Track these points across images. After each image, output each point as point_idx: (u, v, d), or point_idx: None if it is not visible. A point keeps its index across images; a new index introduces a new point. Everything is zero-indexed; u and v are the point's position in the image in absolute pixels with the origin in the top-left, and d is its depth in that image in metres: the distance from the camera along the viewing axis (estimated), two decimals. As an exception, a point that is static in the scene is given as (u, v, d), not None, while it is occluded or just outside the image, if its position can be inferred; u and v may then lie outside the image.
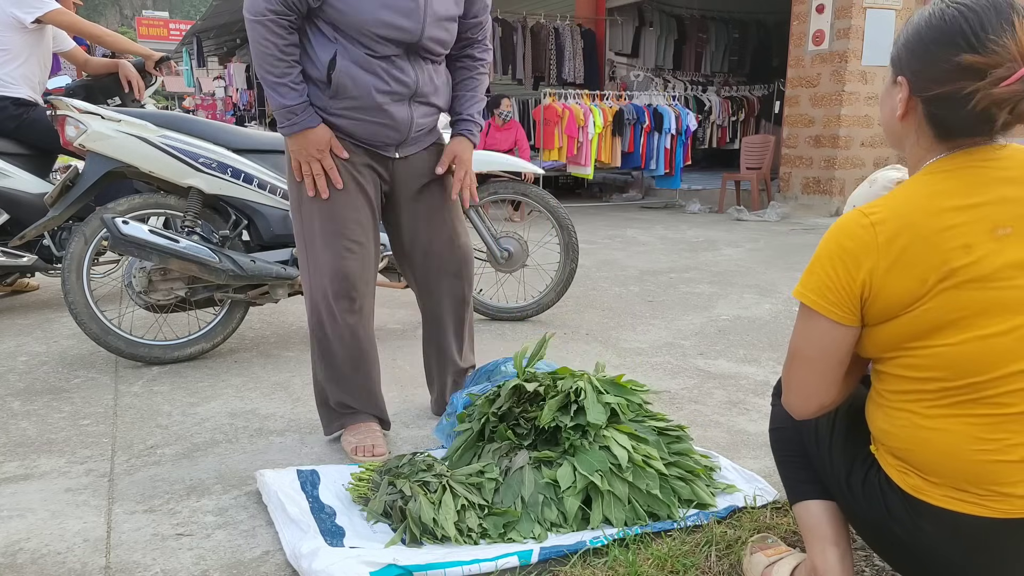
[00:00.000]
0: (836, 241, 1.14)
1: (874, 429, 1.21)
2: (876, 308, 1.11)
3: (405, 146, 2.12)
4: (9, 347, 3.17)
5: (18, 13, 3.64)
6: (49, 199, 2.93)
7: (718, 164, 11.28)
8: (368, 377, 2.17)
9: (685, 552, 1.59)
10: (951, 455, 1.09)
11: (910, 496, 1.14)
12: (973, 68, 1.05)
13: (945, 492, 1.11)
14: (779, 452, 1.43)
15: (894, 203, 1.12)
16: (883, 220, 1.10)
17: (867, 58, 7.29)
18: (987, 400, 1.07)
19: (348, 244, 2.05)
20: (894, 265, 1.08)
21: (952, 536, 1.12)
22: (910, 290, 1.08)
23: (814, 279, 1.15)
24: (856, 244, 1.11)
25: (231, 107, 21.36)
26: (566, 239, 3.52)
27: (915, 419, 1.12)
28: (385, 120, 2.03)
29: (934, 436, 1.11)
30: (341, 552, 1.52)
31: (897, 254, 1.08)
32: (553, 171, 8.37)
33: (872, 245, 1.09)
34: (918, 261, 1.07)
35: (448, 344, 2.33)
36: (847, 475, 1.25)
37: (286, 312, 3.70)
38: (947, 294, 1.06)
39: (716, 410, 2.46)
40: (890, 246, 1.08)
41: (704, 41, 11.36)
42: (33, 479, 1.99)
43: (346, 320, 2.08)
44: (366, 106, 2.00)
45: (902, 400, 1.14)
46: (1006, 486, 1.07)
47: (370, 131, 2.04)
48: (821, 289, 1.14)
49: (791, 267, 4.99)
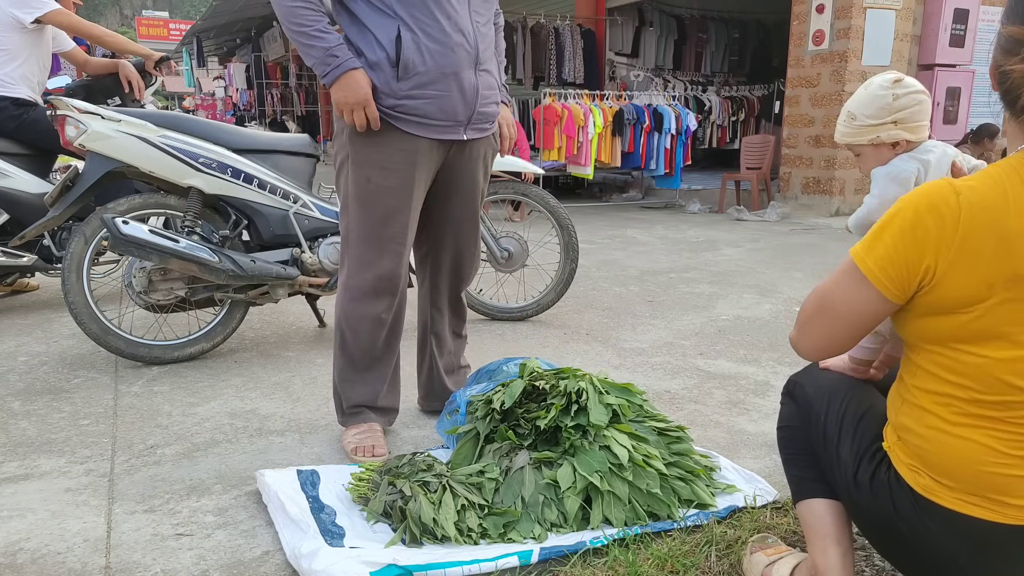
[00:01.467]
0: (915, 210, 1.04)
1: (896, 424, 1.19)
2: (931, 298, 1.06)
3: (471, 126, 2.09)
4: (9, 347, 3.17)
5: (18, 13, 3.64)
6: (49, 199, 2.93)
7: (718, 164, 11.27)
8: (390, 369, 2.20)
9: (685, 552, 1.59)
10: (969, 463, 1.08)
11: (919, 495, 1.13)
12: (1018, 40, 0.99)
13: (957, 496, 1.10)
14: (785, 450, 1.43)
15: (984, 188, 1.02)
16: (966, 206, 1.01)
17: (867, 58, 7.29)
18: (1017, 419, 1.05)
19: (395, 247, 2.07)
20: (963, 256, 1.01)
21: (958, 537, 1.11)
22: (972, 291, 1.02)
23: (880, 247, 1.07)
24: (934, 220, 1.02)
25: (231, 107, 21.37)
26: (566, 239, 3.52)
27: (940, 423, 1.10)
28: (454, 90, 2.00)
29: (956, 443, 1.09)
30: (341, 552, 1.52)
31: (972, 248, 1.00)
32: (553, 171, 8.37)
33: (952, 225, 1.01)
34: (989, 260, 1.00)
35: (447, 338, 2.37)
36: (855, 471, 1.23)
37: (286, 312, 3.70)
38: (1008, 305, 1.01)
39: (716, 410, 2.46)
40: (969, 234, 1.00)
41: (704, 41, 11.36)
42: (33, 479, 1.99)
43: (382, 317, 2.12)
44: (435, 78, 1.97)
45: (931, 401, 1.12)
46: (1020, 498, 1.06)
47: (441, 106, 2.00)
48: (883, 261, 1.07)
49: (791, 267, 4.99)
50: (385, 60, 1.95)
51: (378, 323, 2.12)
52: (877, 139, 1.58)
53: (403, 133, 2.00)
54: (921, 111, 1.55)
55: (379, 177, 2.02)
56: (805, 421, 1.37)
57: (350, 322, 2.12)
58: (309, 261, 3.00)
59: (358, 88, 1.93)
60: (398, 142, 2.01)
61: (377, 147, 2.01)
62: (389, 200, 2.04)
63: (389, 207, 2.04)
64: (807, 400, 1.37)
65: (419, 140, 2.02)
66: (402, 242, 2.08)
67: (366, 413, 2.18)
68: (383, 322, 2.13)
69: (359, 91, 1.93)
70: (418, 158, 2.04)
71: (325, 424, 2.34)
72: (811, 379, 1.40)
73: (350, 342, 2.14)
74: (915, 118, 1.55)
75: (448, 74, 1.98)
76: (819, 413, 1.33)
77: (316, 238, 3.06)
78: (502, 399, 1.91)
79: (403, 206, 2.05)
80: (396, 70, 1.95)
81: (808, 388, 1.39)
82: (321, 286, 3.05)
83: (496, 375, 2.15)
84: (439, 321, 2.36)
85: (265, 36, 19.57)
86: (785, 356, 3.05)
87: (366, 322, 2.11)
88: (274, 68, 19.91)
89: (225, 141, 2.95)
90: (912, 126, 1.56)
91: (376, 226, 2.05)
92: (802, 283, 4.49)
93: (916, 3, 7.55)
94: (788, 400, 1.44)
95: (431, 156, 2.07)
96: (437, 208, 2.21)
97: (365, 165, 2.03)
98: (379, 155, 2.02)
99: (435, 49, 1.95)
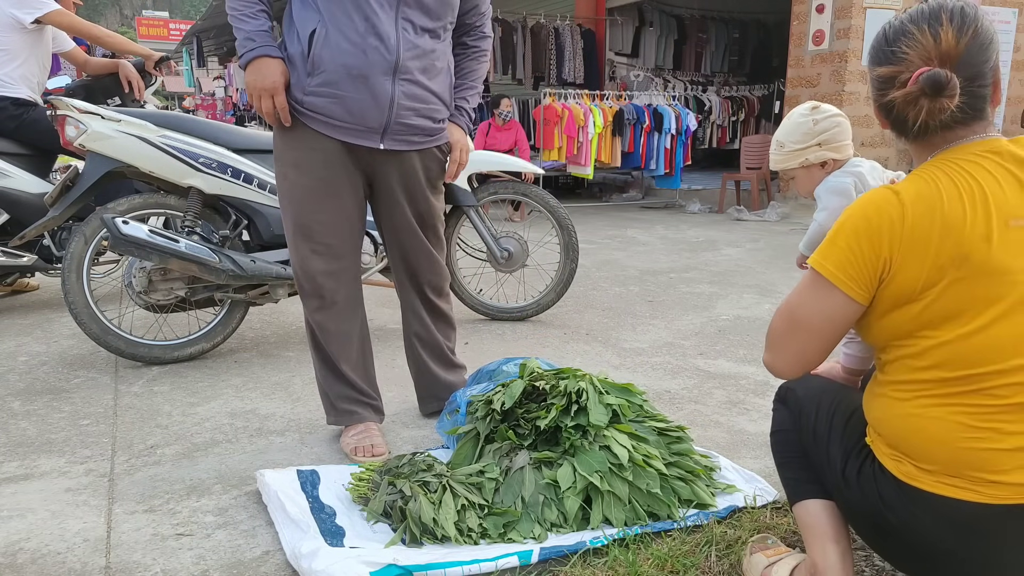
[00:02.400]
0: (863, 214, 1.13)
1: (870, 418, 1.23)
2: (890, 290, 1.12)
3: (390, 136, 2.02)
4: (9, 347, 3.17)
5: (18, 14, 3.64)
6: (49, 199, 2.93)
7: (718, 164, 11.27)
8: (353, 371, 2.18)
9: (685, 552, 1.59)
10: (943, 443, 1.11)
11: (903, 483, 1.16)
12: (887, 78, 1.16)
13: (938, 479, 1.12)
14: (780, 455, 1.45)
15: (919, 184, 1.13)
16: (909, 201, 1.11)
17: (867, 58, 7.29)
18: (983, 391, 1.09)
19: (314, 246, 2.06)
20: (914, 245, 1.09)
21: (944, 521, 1.13)
22: (926, 276, 1.09)
23: (836, 251, 1.15)
24: (884, 220, 1.11)
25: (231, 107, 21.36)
26: (566, 239, 3.51)
27: (909, 408, 1.14)
28: (363, 94, 1.94)
29: (928, 424, 1.12)
30: (341, 552, 1.52)
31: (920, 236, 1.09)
32: (553, 171, 8.37)
33: (899, 220, 1.10)
34: (937, 245, 1.08)
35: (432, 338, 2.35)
36: (843, 467, 1.27)
37: (286, 312, 3.70)
38: (958, 285, 1.08)
39: (716, 410, 2.46)
40: (915, 226, 1.09)
41: (704, 41, 11.35)
42: (33, 479, 1.99)
43: (315, 317, 2.13)
44: (340, 78, 1.93)
45: (899, 390, 1.16)
46: (998, 473, 1.08)
47: (348, 108, 1.95)
48: (842, 263, 1.14)
49: (791, 267, 4.99)
50: (299, 54, 1.95)
51: (315, 325, 2.14)
52: (806, 161, 1.73)
53: (314, 132, 1.99)
54: (841, 132, 1.71)
55: (294, 175, 2.03)
56: (797, 425, 1.40)
57: (306, 322, 2.17)
58: (309, 261, 2.99)
59: (268, 74, 1.92)
60: (310, 140, 2.00)
61: (292, 144, 2.02)
62: (304, 198, 2.03)
63: (305, 206, 2.03)
64: (798, 405, 1.41)
65: (329, 141, 2.00)
66: (324, 242, 2.05)
67: (359, 413, 2.18)
68: (319, 324, 2.13)
69: (267, 78, 1.92)
70: (330, 159, 2.01)
71: (325, 424, 2.33)
72: (801, 384, 1.44)
73: (315, 339, 2.17)
74: (837, 139, 1.71)
75: (355, 76, 1.93)
76: (809, 415, 1.37)
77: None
78: (502, 399, 1.91)
79: (321, 207, 2.03)
80: (307, 64, 1.94)
81: (799, 392, 1.42)
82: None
83: (496, 375, 2.15)
84: (418, 323, 2.33)
85: (265, 36, 19.55)
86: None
87: (309, 324, 2.15)
88: (274, 68, 19.87)
89: (225, 141, 2.95)
90: (836, 146, 1.71)
91: (296, 224, 2.05)
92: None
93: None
94: (780, 406, 1.47)
95: (347, 160, 2.03)
96: (378, 216, 2.21)
97: (283, 162, 2.04)
98: (294, 152, 2.02)
99: (345, 48, 1.92)
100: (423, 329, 2.34)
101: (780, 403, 1.48)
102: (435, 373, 2.36)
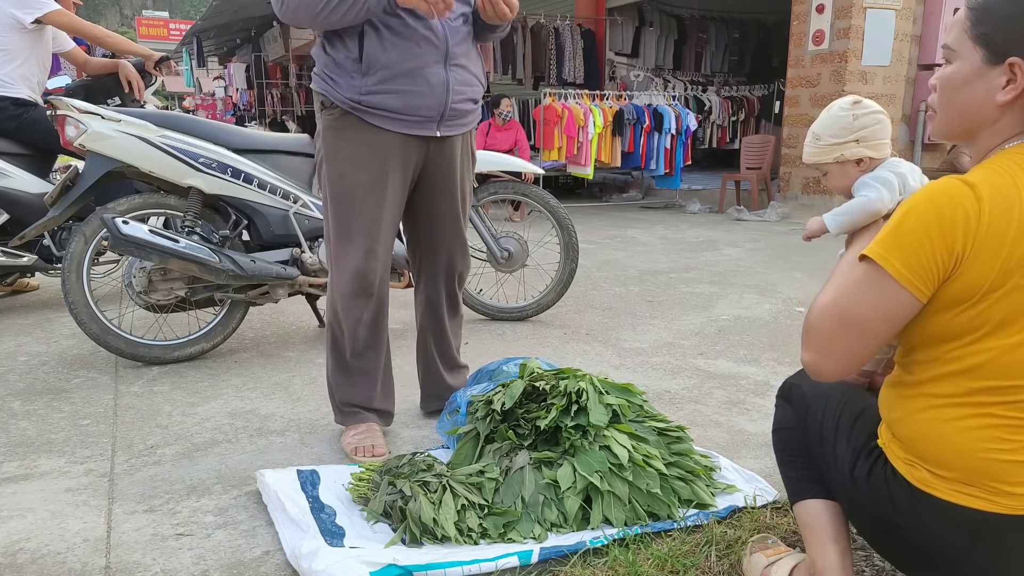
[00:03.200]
0: (935, 207, 1.02)
1: (888, 418, 1.19)
2: (952, 289, 1.04)
3: (445, 122, 2.06)
4: (9, 347, 3.17)
5: (18, 14, 3.64)
6: (49, 199, 2.93)
7: (718, 164, 11.27)
8: (379, 372, 2.20)
9: (685, 552, 1.59)
10: (967, 451, 1.08)
11: (916, 488, 1.14)
12: None
13: (953, 487, 1.10)
14: (781, 453, 1.44)
15: (995, 178, 1.04)
16: (987, 195, 1.02)
17: (867, 58, 7.29)
18: (1018, 404, 1.06)
19: (370, 243, 2.06)
20: (986, 243, 1.01)
21: (954, 529, 1.12)
22: (992, 278, 1.02)
23: (905, 247, 1.04)
24: (959, 213, 1.01)
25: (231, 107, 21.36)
26: (566, 239, 3.51)
27: (937, 413, 1.11)
28: (421, 85, 1.98)
29: (954, 432, 1.09)
30: (341, 552, 1.52)
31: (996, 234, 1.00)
32: (553, 171, 8.37)
33: (975, 215, 1.01)
34: (1011, 244, 1.01)
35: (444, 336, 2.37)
36: (851, 468, 1.24)
37: (286, 312, 3.70)
38: (1019, 292, 1.02)
39: (716, 410, 2.46)
40: (991, 223, 1.01)
41: (704, 41, 11.35)
42: (33, 479, 1.99)
43: (361, 315, 2.11)
44: (399, 74, 1.95)
45: (926, 394, 1.12)
46: (1015, 485, 1.07)
47: (408, 101, 1.98)
48: (911, 261, 1.03)
49: (791, 267, 4.99)
50: (349, 58, 1.95)
51: (359, 324, 2.12)
52: (842, 157, 1.66)
53: (372, 127, 2.00)
54: (881, 130, 1.64)
55: (351, 172, 2.02)
56: (802, 423, 1.38)
57: (337, 323, 2.13)
58: (309, 261, 3.00)
59: None
60: (368, 136, 2.00)
61: (348, 142, 2.01)
62: (362, 196, 2.03)
63: (362, 203, 2.03)
64: (804, 402, 1.39)
65: (389, 135, 2.01)
66: (376, 239, 2.06)
67: (363, 413, 2.18)
68: (364, 323, 2.13)
69: None
70: (389, 152, 2.02)
71: (325, 424, 2.34)
72: (807, 381, 1.41)
73: (339, 342, 2.15)
74: (876, 136, 1.64)
75: (412, 69, 1.96)
76: (816, 414, 1.35)
77: (316, 238, 3.06)
78: (502, 400, 1.91)
79: (377, 202, 2.04)
80: (360, 66, 1.95)
81: (804, 389, 1.40)
82: (321, 286, 3.05)
83: (496, 375, 2.15)
84: (437, 320, 2.36)
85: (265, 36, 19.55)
86: (785, 356, 3.05)
87: (349, 323, 2.12)
88: (274, 68, 19.89)
89: (225, 141, 2.95)
90: (874, 143, 1.64)
91: (350, 223, 2.05)
92: (802, 283, 4.49)
93: (916, 3, 7.54)
94: (783, 403, 1.46)
95: (404, 152, 2.05)
96: (423, 207, 2.21)
97: (338, 161, 2.03)
98: (350, 150, 2.02)
99: (399, 44, 1.94)
100: (438, 328, 2.36)
101: (784, 400, 1.46)
102: (441, 373, 2.38)
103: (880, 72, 7.38)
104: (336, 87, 1.99)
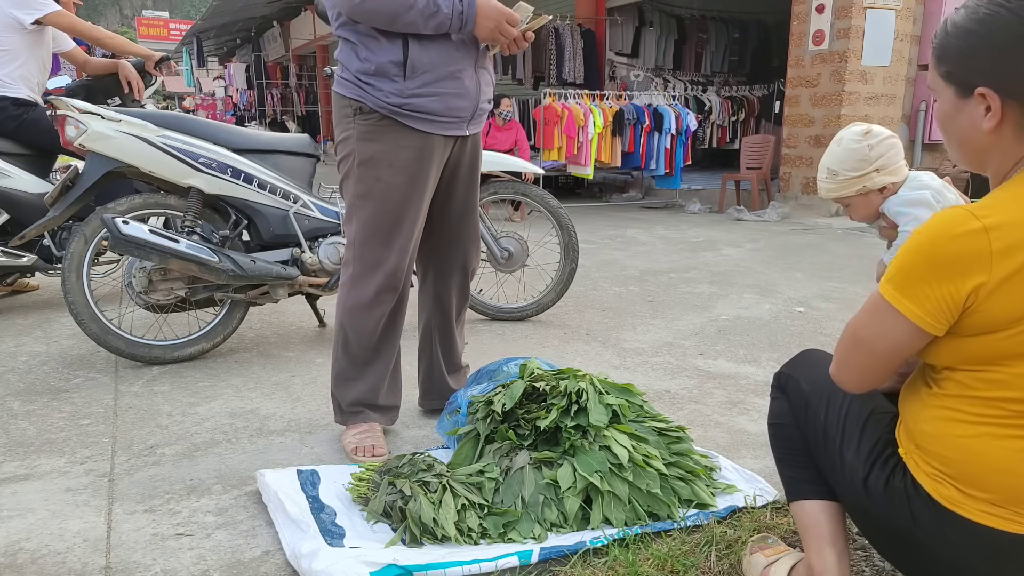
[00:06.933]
0: (941, 246, 1.01)
1: (914, 427, 1.15)
2: (974, 320, 1.02)
3: (473, 121, 2.15)
4: (9, 347, 3.17)
5: (18, 14, 3.64)
6: (49, 199, 2.93)
7: (718, 164, 11.27)
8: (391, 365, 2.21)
9: (685, 552, 1.59)
10: (1004, 472, 1.06)
11: (941, 505, 1.10)
12: None
13: (982, 507, 1.08)
14: (778, 449, 1.42)
15: (1008, 207, 1.00)
16: (998, 226, 0.98)
17: (867, 58, 7.29)
18: None
19: (404, 244, 2.09)
20: (1008, 280, 0.98)
21: (978, 548, 1.10)
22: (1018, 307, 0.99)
23: (912, 286, 1.03)
24: (966, 252, 0.99)
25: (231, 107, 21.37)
26: (566, 239, 3.52)
27: (973, 430, 1.07)
28: (458, 88, 2.04)
29: (991, 451, 1.06)
30: (341, 552, 1.52)
31: (1015, 268, 0.97)
32: (553, 171, 8.37)
33: (986, 255, 0.98)
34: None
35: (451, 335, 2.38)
36: (865, 476, 1.20)
37: (286, 312, 3.70)
38: None
39: (716, 410, 2.46)
40: (1006, 258, 0.98)
41: (704, 41, 11.36)
42: (33, 479, 1.99)
43: (386, 310, 2.14)
44: (441, 77, 2.01)
45: (961, 412, 1.09)
46: None
47: (448, 104, 2.04)
48: (919, 298, 1.03)
49: (791, 267, 4.99)
50: (392, 63, 1.97)
51: (381, 320, 2.14)
52: (864, 188, 1.68)
53: (411, 130, 2.03)
54: (896, 153, 1.67)
55: (388, 175, 2.04)
56: (801, 419, 1.35)
57: (354, 322, 2.13)
58: (309, 261, 3.00)
59: (493, 7, 1.96)
60: (407, 139, 2.03)
61: (387, 145, 2.03)
62: (399, 198, 2.06)
63: (399, 205, 2.06)
64: (803, 397, 1.35)
65: (428, 136, 2.05)
66: (410, 238, 2.11)
67: (366, 412, 2.18)
68: (387, 318, 2.14)
69: (495, 8, 1.96)
70: (427, 154, 2.06)
71: (325, 424, 2.34)
72: (805, 374, 1.37)
73: (352, 341, 2.14)
74: (893, 161, 1.67)
75: (452, 72, 2.02)
76: (817, 412, 1.31)
77: (316, 238, 3.07)
78: (503, 400, 1.91)
79: (413, 203, 2.08)
80: (403, 70, 1.98)
81: (803, 384, 1.36)
82: (321, 286, 3.05)
83: (496, 375, 2.15)
84: (445, 318, 2.36)
85: (265, 36, 19.57)
86: (785, 356, 3.04)
87: (371, 321, 2.12)
88: (274, 68, 19.91)
89: (225, 141, 2.95)
90: (893, 168, 1.67)
91: (386, 225, 2.07)
92: (802, 283, 4.49)
93: (916, 3, 7.54)
94: (779, 394, 1.42)
95: (440, 152, 2.11)
96: (442, 203, 2.23)
97: (374, 164, 2.04)
98: (389, 153, 2.03)
99: (442, 48, 1.99)
100: (445, 325, 2.38)
101: (779, 391, 1.42)
102: (444, 373, 2.39)
103: (880, 72, 7.38)
104: (374, 92, 2.00)
